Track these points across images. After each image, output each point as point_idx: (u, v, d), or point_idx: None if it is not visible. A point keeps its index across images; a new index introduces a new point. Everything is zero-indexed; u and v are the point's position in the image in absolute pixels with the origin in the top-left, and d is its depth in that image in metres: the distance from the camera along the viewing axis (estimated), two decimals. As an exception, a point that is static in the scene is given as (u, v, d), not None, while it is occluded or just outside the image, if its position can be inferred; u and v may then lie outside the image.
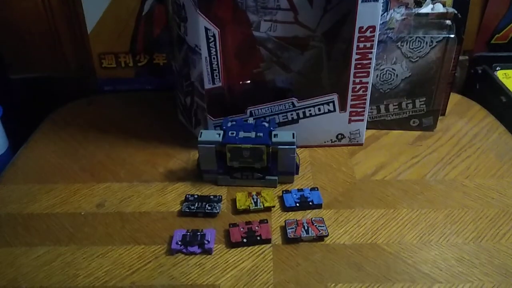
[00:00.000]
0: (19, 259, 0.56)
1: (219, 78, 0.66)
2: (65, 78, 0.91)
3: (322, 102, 0.69)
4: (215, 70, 0.65)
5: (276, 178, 0.65)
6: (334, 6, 0.63)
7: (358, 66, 0.66)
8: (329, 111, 0.70)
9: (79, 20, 0.85)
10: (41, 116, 0.83)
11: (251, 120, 0.67)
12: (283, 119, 0.70)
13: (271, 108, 0.69)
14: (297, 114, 0.70)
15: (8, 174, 0.70)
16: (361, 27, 0.63)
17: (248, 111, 0.69)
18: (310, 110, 0.70)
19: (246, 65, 0.67)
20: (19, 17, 0.85)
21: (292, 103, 0.69)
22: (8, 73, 0.91)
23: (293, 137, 0.62)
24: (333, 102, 0.69)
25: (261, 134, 0.63)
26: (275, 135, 0.63)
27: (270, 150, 0.62)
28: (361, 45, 0.64)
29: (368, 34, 0.63)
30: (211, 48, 0.63)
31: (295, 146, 0.62)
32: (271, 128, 0.64)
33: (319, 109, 0.70)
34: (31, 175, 0.69)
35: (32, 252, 0.57)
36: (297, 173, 0.66)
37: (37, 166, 0.71)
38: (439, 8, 0.70)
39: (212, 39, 0.62)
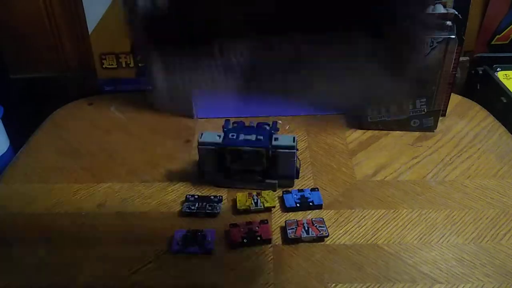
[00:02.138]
0: (20, 259, 0.56)
1: None
2: (66, 78, 0.91)
3: None
4: None
5: (276, 181, 0.65)
6: None
7: None
8: None
9: (80, 20, 0.85)
10: (42, 116, 0.83)
11: (253, 123, 0.66)
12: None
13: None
14: None
15: (9, 174, 0.70)
16: None
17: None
18: None
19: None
20: (20, 17, 0.85)
21: None
22: (9, 73, 0.91)
23: (294, 141, 0.62)
24: None
25: (262, 137, 0.62)
26: (276, 139, 0.62)
27: (270, 153, 0.62)
28: None
29: None
30: None
31: (295, 150, 0.62)
32: (272, 131, 0.64)
33: None
34: (32, 175, 0.69)
35: (32, 252, 0.57)
36: (297, 177, 0.66)
37: (37, 166, 0.71)
38: (440, 9, 0.70)
39: None
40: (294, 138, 0.62)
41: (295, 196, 0.63)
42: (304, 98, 0.41)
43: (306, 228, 0.58)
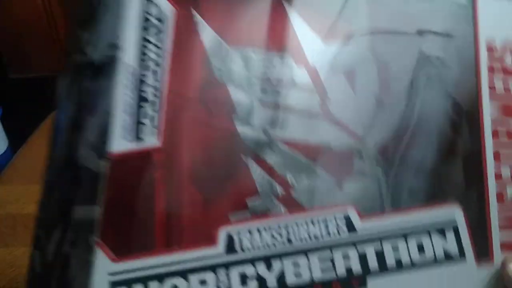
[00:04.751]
0: (19, 260, 0.55)
1: (153, 126, 0.32)
2: (65, 78, 0.91)
3: (423, 227, 0.33)
4: (150, 101, 0.33)
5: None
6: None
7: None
8: (446, 259, 0.33)
9: (79, 20, 0.84)
10: (41, 116, 0.83)
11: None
12: (322, 266, 0.32)
13: (280, 233, 0.32)
14: (361, 259, 0.32)
15: (8, 174, 0.69)
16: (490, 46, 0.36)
17: (222, 235, 0.31)
18: (397, 252, 0.32)
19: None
20: (19, 16, 0.85)
21: (347, 218, 0.33)
22: (8, 72, 0.91)
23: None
24: (454, 229, 0.33)
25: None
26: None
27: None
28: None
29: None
30: (149, 52, 0.33)
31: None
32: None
33: (420, 250, 0.33)
34: (31, 175, 0.69)
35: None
36: None
37: (36, 166, 0.70)
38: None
39: (157, 27, 0.34)
40: None
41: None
42: None
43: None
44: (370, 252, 0.32)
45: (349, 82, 0.35)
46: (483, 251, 0.33)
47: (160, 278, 0.30)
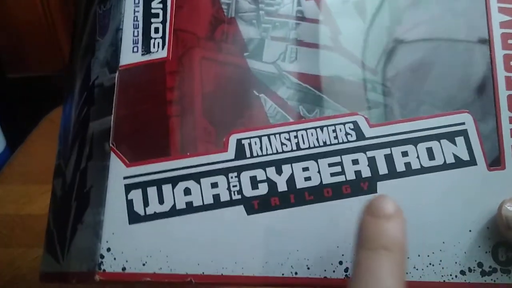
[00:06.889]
0: (17, 261, 0.55)
1: (162, 38, 0.34)
2: (63, 77, 0.91)
3: (434, 127, 0.34)
4: (157, 16, 0.34)
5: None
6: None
7: None
8: (457, 164, 0.33)
9: (77, 19, 0.84)
10: (39, 115, 0.83)
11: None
12: (332, 170, 0.33)
13: (289, 138, 0.33)
14: (370, 164, 0.33)
15: (5, 174, 0.69)
16: None
17: (232, 140, 0.33)
18: (406, 157, 0.33)
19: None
20: (17, 15, 0.85)
21: (355, 124, 0.33)
22: (6, 72, 0.90)
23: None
24: (465, 135, 0.34)
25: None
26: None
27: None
28: None
29: None
30: None
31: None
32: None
33: (430, 155, 0.33)
34: (29, 175, 0.68)
35: (30, 253, 0.56)
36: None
37: (34, 166, 0.70)
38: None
39: None
40: None
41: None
42: None
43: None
44: (380, 157, 0.33)
45: (360, 14, 0.35)
46: (494, 157, 0.33)
47: (173, 181, 0.32)
